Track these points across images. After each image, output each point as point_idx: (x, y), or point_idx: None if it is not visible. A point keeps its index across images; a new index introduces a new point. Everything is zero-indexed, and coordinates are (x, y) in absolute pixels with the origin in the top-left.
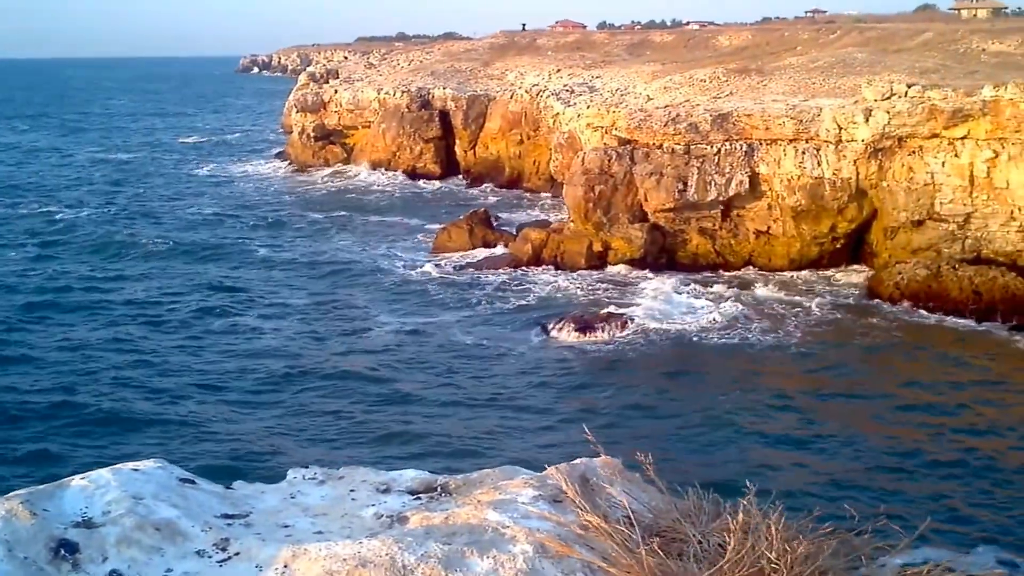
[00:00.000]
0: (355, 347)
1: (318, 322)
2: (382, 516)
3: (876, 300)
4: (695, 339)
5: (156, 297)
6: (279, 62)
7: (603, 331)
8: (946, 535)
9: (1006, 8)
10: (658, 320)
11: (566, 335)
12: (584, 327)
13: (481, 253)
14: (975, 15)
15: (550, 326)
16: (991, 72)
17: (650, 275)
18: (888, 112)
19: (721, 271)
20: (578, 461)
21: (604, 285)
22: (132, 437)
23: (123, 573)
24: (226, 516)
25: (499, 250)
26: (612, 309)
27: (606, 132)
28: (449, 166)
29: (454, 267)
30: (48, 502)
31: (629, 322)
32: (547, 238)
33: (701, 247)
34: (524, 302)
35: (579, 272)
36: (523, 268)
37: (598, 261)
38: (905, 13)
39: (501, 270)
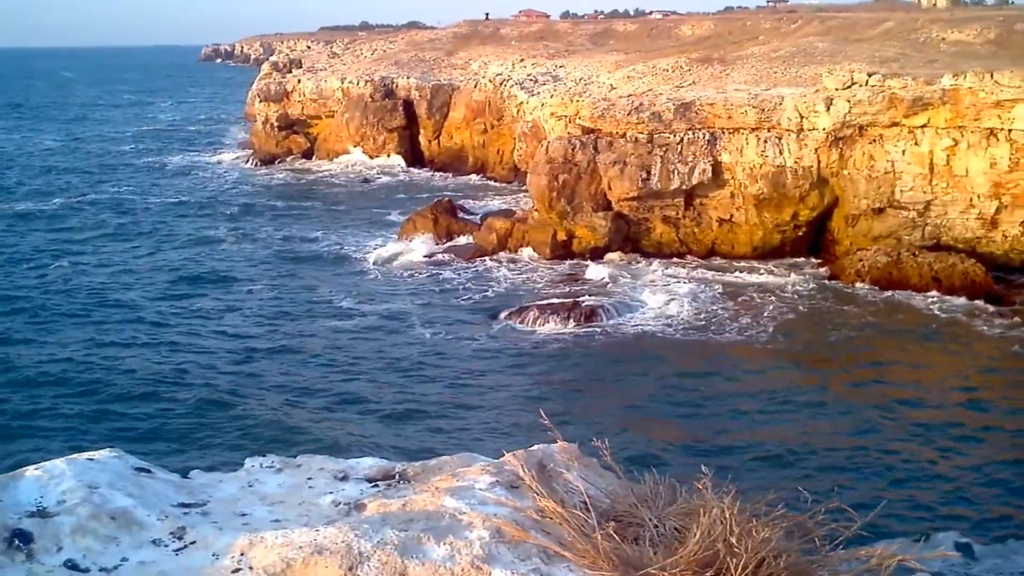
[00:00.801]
0: (315, 335)
1: (278, 310)
2: (339, 504)
3: (838, 284)
4: (657, 326)
5: (115, 285)
6: (242, 51)
7: (566, 319)
8: (904, 519)
9: None
10: (622, 308)
11: (529, 323)
12: (547, 315)
13: (446, 243)
14: (935, 4)
15: (513, 314)
16: (950, 61)
17: (614, 263)
18: (849, 101)
19: (685, 259)
20: (535, 447)
21: (569, 274)
22: (87, 425)
23: (78, 563)
24: (182, 505)
25: (464, 239)
26: (576, 298)
27: (570, 121)
28: (413, 156)
29: (419, 256)
30: (2, 492)
31: (592, 310)
32: (512, 227)
33: (665, 235)
34: (488, 291)
35: (545, 261)
36: (488, 257)
37: (563, 250)
38: (866, 3)
39: (466, 259)
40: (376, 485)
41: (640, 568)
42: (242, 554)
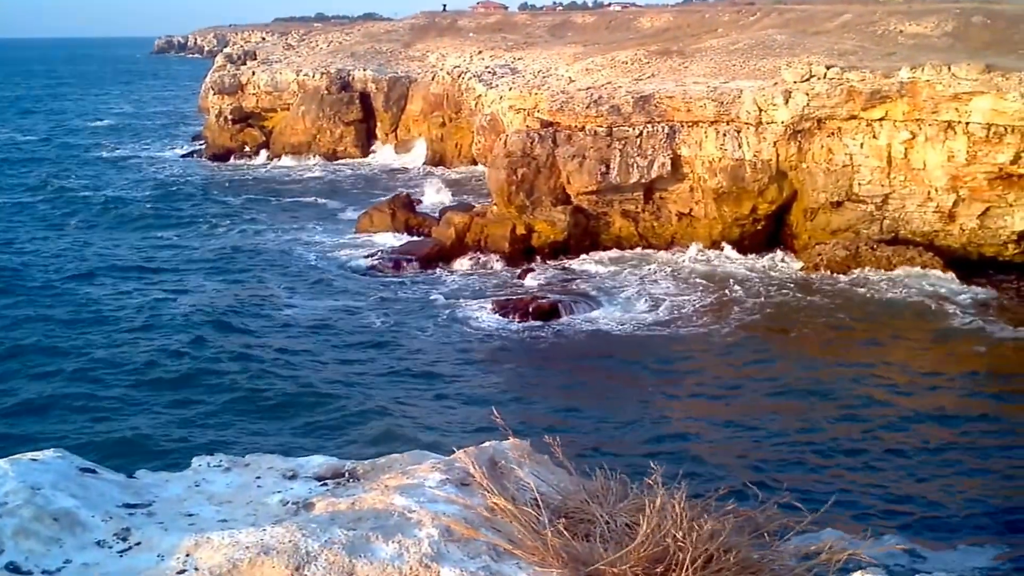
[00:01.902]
0: (266, 333)
1: (228, 307)
2: (288, 503)
3: (801, 274)
4: (616, 321)
5: (59, 280)
6: (195, 43)
7: (524, 314)
8: (856, 515)
9: None
10: (581, 303)
11: (487, 319)
12: (505, 310)
13: (404, 237)
14: None
15: (471, 310)
16: (908, 54)
17: (576, 259)
18: (807, 94)
19: (645, 253)
20: (487, 444)
21: (528, 269)
22: (31, 425)
23: (20, 565)
24: (128, 506)
25: (423, 235)
26: (537, 294)
27: (528, 114)
28: (370, 149)
29: (376, 251)
30: None
31: (551, 304)
32: (470, 222)
33: (624, 230)
34: (447, 287)
35: (506, 256)
36: (447, 253)
37: (521, 244)
38: None
39: (424, 254)
40: (325, 484)
41: (590, 564)
42: (188, 555)
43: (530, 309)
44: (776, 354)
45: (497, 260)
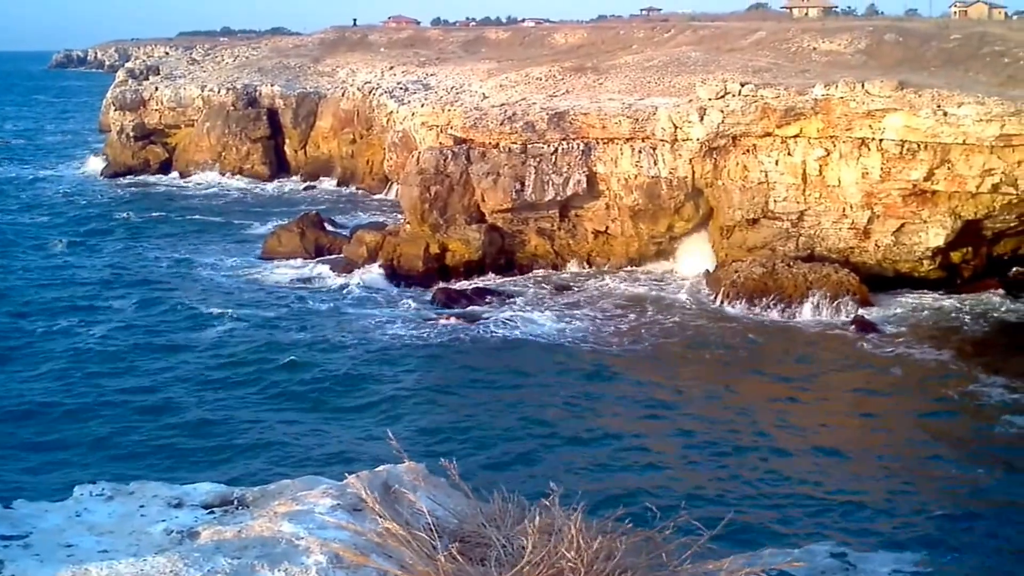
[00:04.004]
0: (169, 355)
1: (132, 331)
2: (172, 532)
3: (713, 297)
4: (525, 343)
5: None
6: (95, 58)
7: (437, 334)
8: (774, 532)
9: (836, 7)
10: (492, 324)
11: (397, 338)
12: (416, 330)
13: (315, 258)
14: (806, 14)
15: (381, 329)
16: (822, 71)
17: (491, 278)
18: (722, 111)
19: (560, 271)
20: (381, 468)
21: (443, 289)
22: None
23: None
24: (2, 537)
25: (333, 254)
26: (449, 313)
27: (441, 131)
28: (279, 167)
29: (283, 272)
30: None
31: (465, 325)
32: (383, 241)
33: (540, 248)
34: (355, 304)
35: (419, 275)
36: (357, 271)
37: (435, 263)
38: (738, 12)
39: (335, 274)
40: (212, 512)
41: None
42: None
43: (441, 328)
44: (687, 374)
45: (415, 280)
